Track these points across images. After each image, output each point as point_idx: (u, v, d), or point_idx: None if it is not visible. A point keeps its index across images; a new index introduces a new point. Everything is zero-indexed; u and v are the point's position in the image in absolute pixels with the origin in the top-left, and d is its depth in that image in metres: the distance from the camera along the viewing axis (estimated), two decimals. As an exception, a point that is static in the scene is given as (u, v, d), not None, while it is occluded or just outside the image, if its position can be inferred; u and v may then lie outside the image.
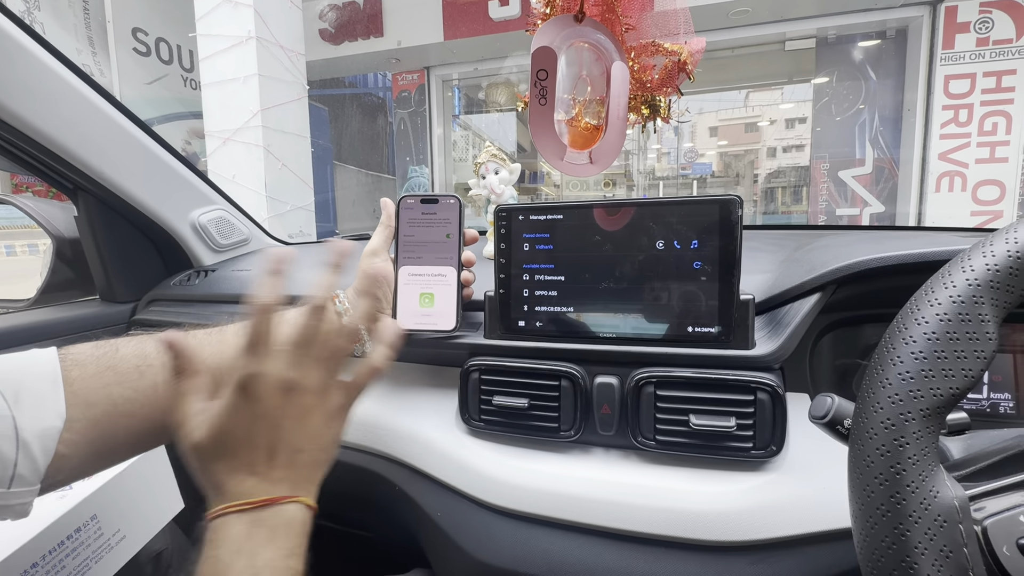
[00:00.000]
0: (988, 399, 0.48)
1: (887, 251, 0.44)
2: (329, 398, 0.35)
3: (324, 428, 0.35)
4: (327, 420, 0.35)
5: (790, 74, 5.62)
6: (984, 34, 3.79)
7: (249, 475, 0.32)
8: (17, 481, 0.32)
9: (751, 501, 0.43)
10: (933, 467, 0.25)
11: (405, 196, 0.52)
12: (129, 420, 0.37)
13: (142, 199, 0.80)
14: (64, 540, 0.48)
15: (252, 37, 2.81)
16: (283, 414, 0.33)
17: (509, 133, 6.16)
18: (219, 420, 0.32)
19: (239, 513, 0.31)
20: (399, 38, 4.81)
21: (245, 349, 0.33)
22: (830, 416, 0.31)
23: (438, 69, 5.37)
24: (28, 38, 0.63)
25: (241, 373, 0.32)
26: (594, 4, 0.45)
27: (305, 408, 0.34)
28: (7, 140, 0.68)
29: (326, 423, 0.35)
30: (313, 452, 0.34)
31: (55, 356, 0.36)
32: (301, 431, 0.33)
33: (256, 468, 0.32)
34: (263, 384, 0.32)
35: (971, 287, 0.26)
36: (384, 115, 6.12)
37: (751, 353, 0.45)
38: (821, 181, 4.50)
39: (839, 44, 4.35)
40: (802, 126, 6.03)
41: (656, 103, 0.49)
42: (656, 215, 0.46)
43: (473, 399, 0.53)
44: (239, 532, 0.30)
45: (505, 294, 0.52)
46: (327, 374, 0.35)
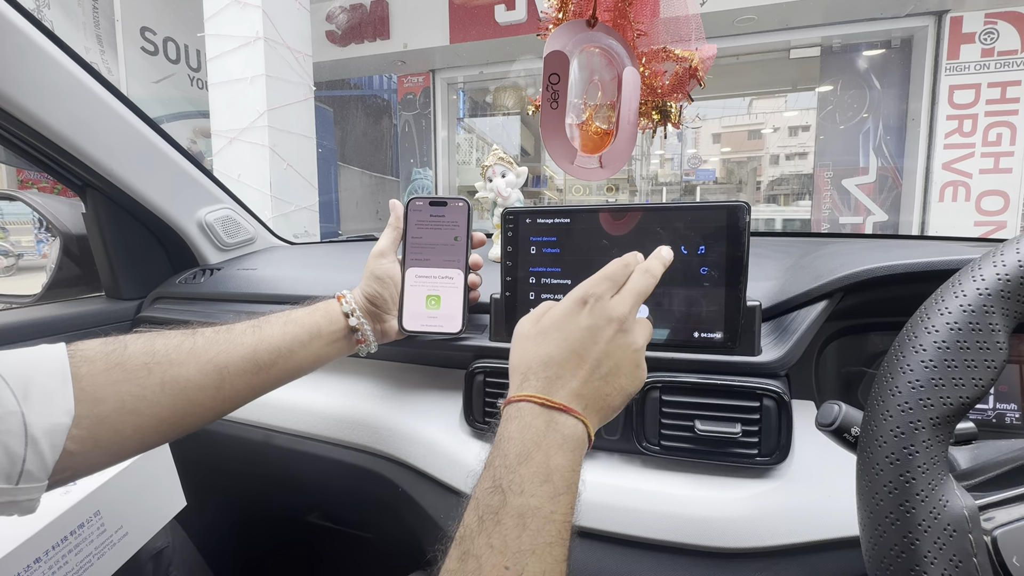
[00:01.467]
0: (994, 409, 0.48)
1: (895, 259, 0.44)
2: (640, 354, 0.37)
3: (628, 376, 0.37)
4: (633, 369, 0.37)
5: (794, 82, 5.64)
6: (989, 45, 3.80)
7: (556, 376, 0.35)
8: (25, 477, 0.32)
9: (756, 508, 0.43)
10: (943, 476, 0.25)
11: (414, 198, 0.52)
12: (136, 418, 0.37)
13: (150, 197, 0.81)
14: (67, 536, 0.47)
15: (260, 38, 2.83)
16: (604, 338, 0.36)
17: (513, 137, 6.18)
18: (552, 316, 0.37)
19: (540, 406, 0.33)
20: (405, 41, 4.84)
21: (600, 278, 0.38)
22: (837, 424, 0.31)
23: (443, 72, 5.39)
24: (41, 35, 0.64)
25: (585, 290, 0.37)
26: (606, 9, 0.45)
27: (623, 347, 0.36)
28: (18, 136, 0.68)
29: (631, 371, 0.37)
30: (612, 388, 0.36)
31: (64, 352, 0.36)
32: (612, 362, 0.36)
33: (563, 370, 0.35)
34: (600, 307, 0.36)
35: (982, 296, 0.26)
36: (389, 117, 6.15)
37: (757, 359, 0.45)
38: (824, 189, 4.50)
39: (844, 53, 4.36)
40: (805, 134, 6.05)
41: (667, 109, 0.49)
42: (663, 220, 0.47)
43: (477, 401, 0.53)
44: (538, 425, 0.32)
45: (511, 297, 0.52)
46: (645, 338, 0.38)
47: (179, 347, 0.40)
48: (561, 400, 0.34)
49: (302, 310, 0.49)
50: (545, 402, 0.33)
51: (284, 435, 0.66)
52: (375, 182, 6.31)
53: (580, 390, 0.34)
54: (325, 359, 0.49)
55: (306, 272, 0.83)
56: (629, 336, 0.37)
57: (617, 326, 0.36)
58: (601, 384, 0.35)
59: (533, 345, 0.36)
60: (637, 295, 0.38)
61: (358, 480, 0.61)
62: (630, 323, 0.37)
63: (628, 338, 0.36)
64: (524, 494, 0.30)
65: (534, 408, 0.33)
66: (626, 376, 0.36)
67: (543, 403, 0.33)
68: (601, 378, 0.35)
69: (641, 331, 0.38)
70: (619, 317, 0.36)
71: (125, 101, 0.75)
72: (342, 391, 0.64)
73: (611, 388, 0.36)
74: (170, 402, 0.39)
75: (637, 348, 0.37)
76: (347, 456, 0.62)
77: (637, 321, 0.38)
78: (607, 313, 0.36)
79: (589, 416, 0.34)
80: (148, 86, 4.19)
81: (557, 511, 0.30)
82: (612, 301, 0.37)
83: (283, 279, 0.80)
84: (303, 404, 0.64)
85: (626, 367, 0.36)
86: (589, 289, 0.37)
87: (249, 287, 0.79)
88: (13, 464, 0.31)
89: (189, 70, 4.54)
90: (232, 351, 0.43)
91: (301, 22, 3.13)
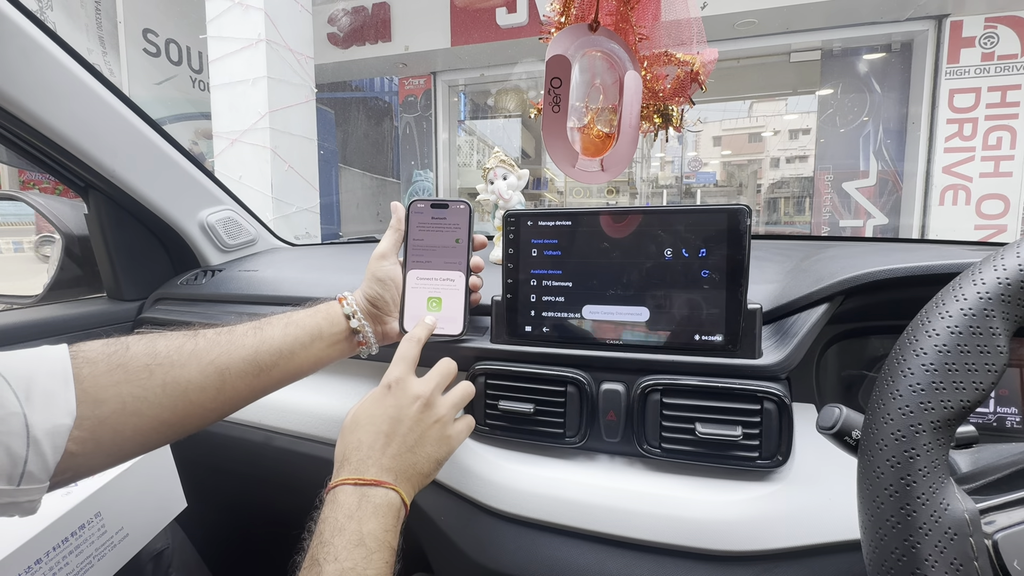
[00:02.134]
0: (995, 413, 0.48)
1: (895, 263, 0.44)
2: (445, 425, 0.44)
3: (435, 444, 0.43)
4: (438, 439, 0.43)
5: (795, 85, 5.65)
6: (989, 49, 3.81)
7: (368, 456, 0.40)
8: (27, 478, 0.32)
9: (757, 511, 0.43)
10: (944, 479, 0.25)
11: (415, 200, 0.53)
12: (138, 419, 0.37)
13: (152, 198, 0.81)
14: (68, 537, 0.48)
15: (262, 40, 2.84)
16: (408, 416, 0.42)
17: (514, 139, 6.19)
18: (362, 405, 0.43)
19: (354, 486, 0.38)
20: (407, 43, 4.85)
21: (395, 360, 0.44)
22: (838, 427, 0.31)
23: (445, 74, 5.40)
24: (45, 37, 0.64)
25: (387, 376, 0.43)
26: (608, 14, 0.45)
27: (425, 421, 0.42)
28: (22, 138, 0.69)
29: (436, 441, 0.43)
30: (420, 458, 0.42)
31: (66, 353, 0.36)
32: (416, 436, 0.42)
33: (374, 451, 0.40)
34: (401, 388, 0.42)
35: (982, 300, 0.26)
36: (390, 119, 6.16)
37: (758, 362, 0.45)
38: (825, 192, 4.51)
39: (844, 56, 4.37)
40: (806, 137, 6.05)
41: (668, 112, 0.49)
42: (664, 223, 0.47)
43: (479, 403, 0.53)
44: (352, 501, 0.37)
45: (512, 299, 0.52)
46: (451, 408, 0.44)
47: (180, 348, 0.41)
48: (372, 476, 0.39)
49: (303, 312, 0.49)
50: (357, 481, 0.38)
51: (284, 436, 0.66)
52: (376, 184, 6.32)
53: (390, 464, 0.40)
54: (326, 361, 0.49)
55: (307, 274, 0.83)
56: (432, 409, 0.43)
57: (421, 402, 0.42)
58: (409, 455, 0.41)
59: (348, 434, 0.42)
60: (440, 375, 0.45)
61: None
62: (432, 397, 0.43)
63: (431, 411, 0.43)
64: (338, 560, 0.34)
65: (347, 489, 0.38)
66: (432, 445, 0.42)
67: (355, 483, 0.38)
68: (408, 450, 0.41)
69: (445, 402, 0.44)
70: (421, 393, 0.43)
71: (128, 103, 0.75)
72: (343, 393, 0.64)
73: (419, 457, 0.42)
74: (171, 403, 0.39)
75: (440, 418, 0.43)
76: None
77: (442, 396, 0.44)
78: (410, 392, 0.42)
79: (401, 484, 0.40)
80: (150, 87, 4.20)
81: (371, 568, 0.35)
82: (413, 379, 0.43)
83: (284, 280, 0.80)
84: (304, 406, 0.64)
85: (431, 436, 0.42)
86: (390, 375, 0.43)
87: (250, 288, 0.79)
88: (15, 465, 0.31)
89: (191, 72, 4.55)
90: (233, 353, 0.43)
91: (303, 24, 3.14)
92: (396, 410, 0.42)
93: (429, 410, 0.43)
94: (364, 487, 0.38)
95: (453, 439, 0.44)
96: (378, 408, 0.42)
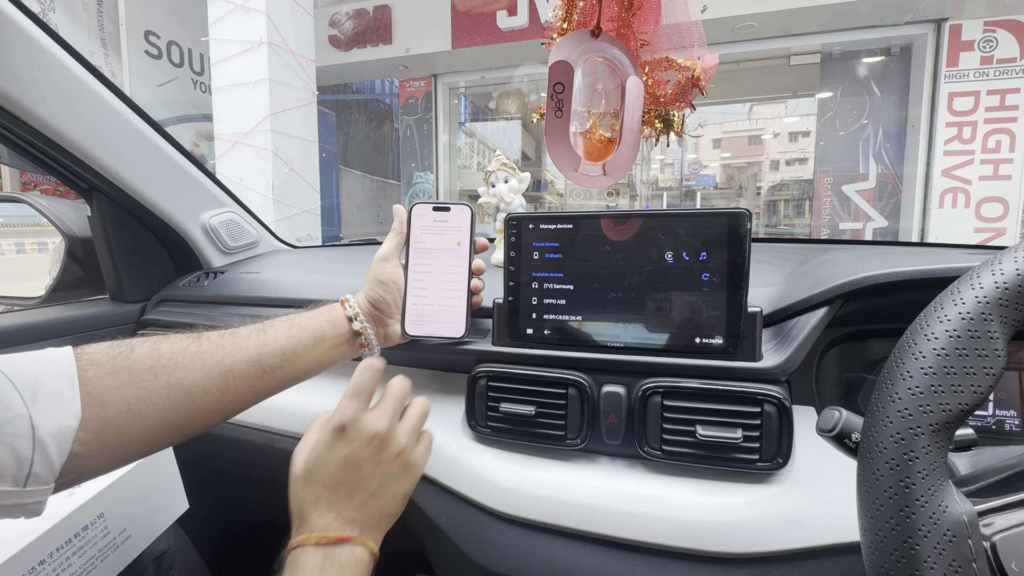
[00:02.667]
0: (994, 416, 0.48)
1: (895, 266, 0.45)
2: (407, 455, 0.41)
3: (398, 480, 0.40)
4: (402, 473, 0.40)
5: (794, 88, 5.66)
6: (988, 53, 3.82)
7: (328, 510, 0.37)
8: (32, 480, 0.32)
9: (757, 513, 0.43)
10: (942, 482, 0.25)
11: (417, 203, 0.53)
12: (142, 421, 0.37)
13: (155, 200, 0.81)
14: (71, 538, 0.48)
15: (264, 42, 2.85)
16: (366, 459, 0.38)
17: (514, 141, 6.20)
18: (313, 454, 0.38)
19: (316, 547, 0.35)
20: (407, 46, 4.87)
21: (347, 397, 0.40)
22: (838, 429, 0.32)
23: (445, 77, 5.42)
24: (50, 40, 0.65)
25: (340, 417, 0.39)
26: (610, 19, 0.46)
27: (386, 459, 0.39)
28: (26, 140, 0.69)
29: (401, 475, 0.40)
30: (385, 500, 0.39)
31: (71, 355, 0.36)
32: (378, 478, 0.39)
33: (335, 504, 0.37)
34: (356, 429, 0.38)
35: (980, 304, 0.26)
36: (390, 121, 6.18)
37: (758, 365, 0.45)
38: (824, 195, 4.51)
39: (844, 60, 4.39)
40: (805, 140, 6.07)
41: (670, 117, 0.49)
42: (665, 226, 0.47)
43: (480, 405, 0.53)
44: (314, 564, 0.34)
45: (514, 302, 0.52)
46: (410, 435, 0.41)
47: (184, 351, 0.41)
48: (336, 533, 0.36)
49: (306, 314, 0.49)
50: (319, 540, 0.35)
51: (286, 438, 0.66)
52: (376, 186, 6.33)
53: (354, 516, 0.37)
54: (329, 363, 0.49)
55: (309, 276, 0.83)
56: (391, 446, 0.39)
57: (378, 442, 0.39)
58: (373, 501, 0.38)
59: (302, 488, 0.38)
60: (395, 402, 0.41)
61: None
62: (389, 432, 0.39)
63: (390, 448, 0.39)
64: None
65: (309, 550, 0.35)
66: (397, 482, 0.40)
67: (318, 542, 0.35)
68: (372, 496, 0.38)
69: (403, 432, 0.41)
70: (377, 432, 0.39)
71: (131, 105, 0.76)
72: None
73: (384, 500, 0.39)
74: (175, 405, 0.39)
75: (400, 452, 0.40)
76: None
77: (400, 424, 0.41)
78: (365, 433, 0.38)
79: (368, 534, 0.37)
80: (152, 89, 4.22)
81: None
82: (367, 417, 0.39)
83: (286, 283, 0.80)
84: (306, 407, 0.65)
85: (393, 474, 0.39)
86: (342, 415, 0.39)
87: (252, 290, 0.79)
88: (21, 467, 0.31)
89: (192, 73, 4.56)
90: (237, 355, 0.43)
91: (304, 27, 3.15)
92: (352, 455, 0.38)
93: (388, 446, 0.39)
94: (327, 547, 0.35)
95: (418, 467, 0.42)
96: (331, 455, 0.38)
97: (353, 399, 0.40)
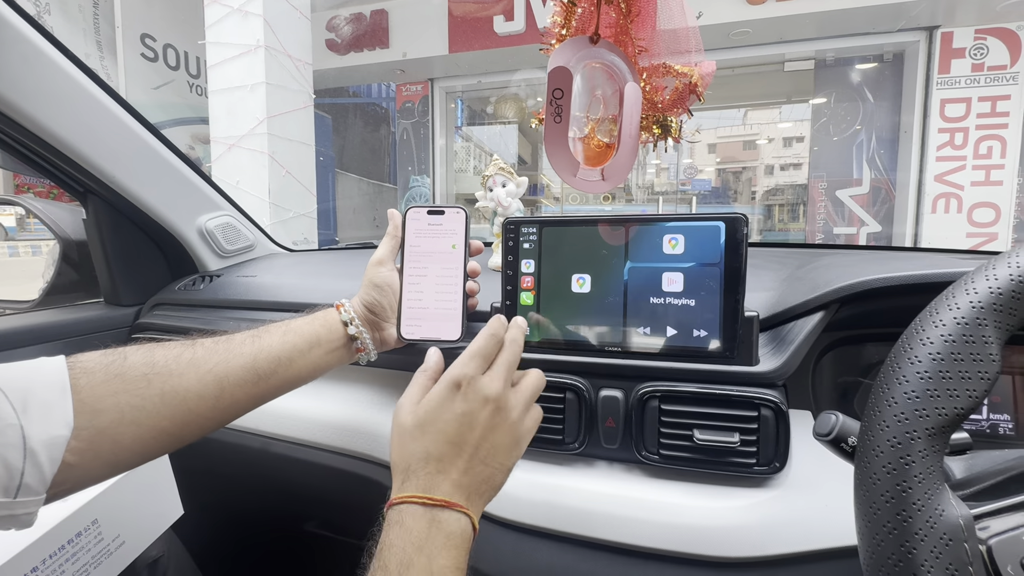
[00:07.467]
0: (988, 420, 0.49)
1: (890, 271, 0.45)
2: (517, 426, 0.38)
3: (507, 452, 0.38)
4: (512, 444, 0.38)
5: (789, 94, 5.72)
6: (979, 60, 3.87)
7: (437, 470, 0.35)
8: (23, 491, 0.31)
9: (754, 517, 0.43)
10: (939, 486, 0.25)
11: (412, 207, 0.53)
12: (136, 428, 0.37)
13: (152, 204, 0.81)
14: (64, 544, 0.47)
15: (261, 46, 2.85)
16: (480, 422, 0.36)
17: (510, 145, 6.22)
18: (428, 405, 0.37)
19: (421, 506, 0.33)
20: (405, 50, 4.88)
21: (468, 355, 0.38)
22: (835, 434, 0.32)
23: (442, 81, 5.44)
24: (46, 42, 0.64)
25: (457, 372, 0.37)
26: (608, 26, 0.46)
27: (499, 425, 0.37)
28: (22, 143, 0.69)
29: (510, 446, 0.38)
30: (493, 468, 0.37)
31: (63, 364, 0.36)
32: (489, 444, 0.37)
33: (443, 464, 0.35)
34: (473, 389, 0.37)
35: (975, 309, 0.26)
36: (387, 125, 6.19)
37: (755, 369, 0.45)
38: (819, 200, 4.55)
39: (837, 66, 4.43)
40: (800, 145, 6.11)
41: (667, 123, 0.50)
42: (662, 231, 0.47)
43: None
44: (420, 528, 0.33)
45: (511, 305, 0.52)
46: (524, 405, 0.39)
47: (179, 357, 0.40)
48: (443, 496, 0.34)
49: (301, 319, 0.49)
50: (426, 501, 0.33)
51: (282, 443, 0.66)
52: (373, 189, 6.33)
53: (461, 480, 0.35)
54: (324, 368, 0.49)
55: (305, 280, 0.83)
56: (504, 412, 0.37)
57: (493, 406, 0.37)
58: (483, 468, 0.36)
59: (411, 440, 0.36)
60: (508, 368, 0.39)
61: (356, 488, 0.61)
62: (504, 398, 0.38)
63: (504, 415, 0.37)
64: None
65: (415, 509, 0.33)
66: (505, 452, 0.38)
67: (424, 502, 0.33)
68: (481, 462, 0.36)
69: (517, 402, 0.39)
70: (494, 396, 0.37)
71: (128, 108, 0.75)
72: (341, 399, 0.64)
73: (492, 468, 0.37)
74: (170, 412, 0.38)
75: (514, 422, 0.38)
76: (345, 464, 0.62)
77: (512, 392, 0.39)
78: (481, 394, 0.37)
79: (473, 504, 0.35)
80: (148, 92, 4.21)
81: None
82: (484, 379, 0.37)
83: (282, 286, 0.80)
84: (302, 412, 0.64)
85: (505, 443, 0.37)
86: (461, 370, 0.37)
87: (248, 294, 0.79)
88: (11, 477, 0.31)
89: (188, 76, 4.56)
90: (231, 361, 0.42)
91: (302, 31, 3.15)
92: (467, 416, 0.36)
93: (502, 413, 0.37)
94: (434, 508, 0.33)
95: (524, 440, 0.39)
96: (446, 411, 0.36)
97: (473, 358, 0.38)
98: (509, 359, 0.39)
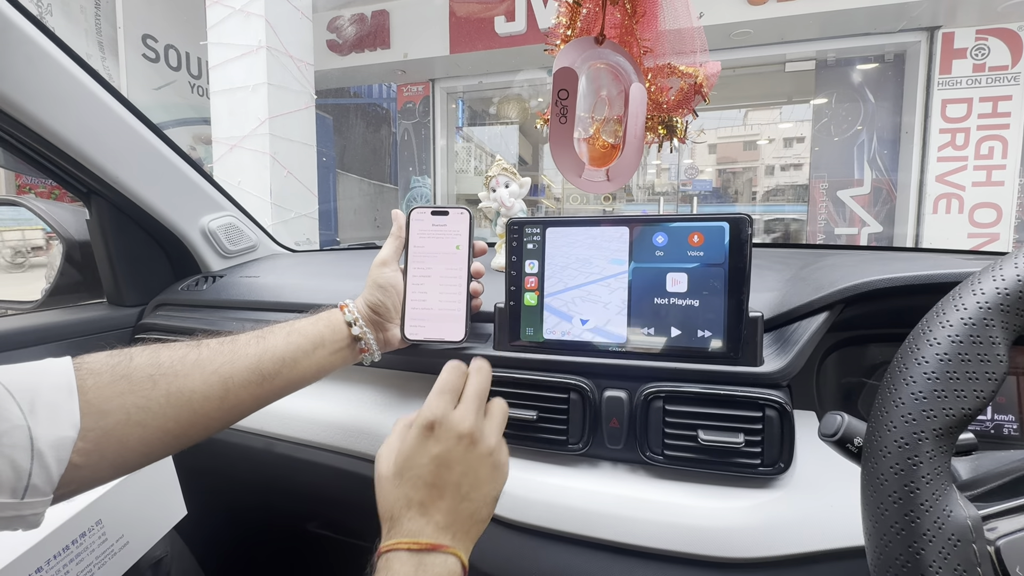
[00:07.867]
0: (992, 420, 0.49)
1: (894, 272, 0.45)
2: (496, 455, 0.39)
3: (489, 481, 0.38)
4: (492, 473, 0.39)
5: (790, 94, 5.71)
6: (980, 60, 3.87)
7: (420, 514, 0.35)
8: (31, 491, 0.31)
9: (758, 518, 0.43)
10: (946, 486, 0.25)
11: (416, 207, 0.53)
12: (142, 430, 0.37)
13: (155, 204, 0.81)
14: (69, 545, 0.47)
15: (262, 47, 2.86)
16: (456, 459, 0.37)
17: (511, 146, 6.22)
18: (404, 453, 0.37)
19: (408, 552, 0.34)
20: (406, 50, 4.89)
21: (435, 394, 0.39)
22: (840, 434, 0.32)
23: (443, 81, 5.44)
24: (50, 43, 0.64)
25: (427, 414, 0.38)
26: (613, 26, 0.46)
27: (476, 459, 0.38)
28: (25, 143, 0.69)
29: (491, 476, 0.38)
30: (477, 503, 0.37)
31: (70, 366, 0.36)
32: (470, 479, 0.37)
33: (425, 507, 0.36)
34: (445, 428, 0.37)
35: (982, 309, 0.26)
36: (388, 125, 6.19)
37: (760, 370, 0.45)
38: (820, 200, 4.55)
39: (838, 67, 4.43)
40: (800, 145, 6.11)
41: (672, 124, 0.50)
42: (666, 231, 0.47)
43: (481, 410, 0.53)
44: (407, 573, 0.33)
45: (515, 306, 0.52)
46: (498, 433, 0.40)
47: (184, 358, 0.40)
48: (428, 539, 0.35)
49: (305, 320, 0.49)
50: (412, 546, 0.34)
51: (286, 443, 0.66)
52: (374, 190, 6.33)
53: (446, 521, 0.36)
54: (329, 369, 0.49)
55: (308, 280, 0.83)
56: (480, 444, 0.38)
57: (468, 440, 0.37)
58: (467, 505, 0.37)
59: (392, 488, 0.37)
60: (478, 398, 0.40)
61: (359, 489, 0.61)
62: (478, 430, 0.38)
63: (480, 447, 0.38)
64: None
65: (402, 556, 0.34)
66: (487, 484, 0.38)
67: (410, 547, 0.34)
68: (464, 498, 0.37)
69: (491, 431, 0.39)
70: (467, 431, 0.37)
71: (131, 108, 0.75)
72: (345, 399, 0.64)
73: (476, 503, 0.37)
74: (175, 413, 0.39)
75: (490, 451, 0.38)
76: (348, 464, 0.62)
77: (486, 421, 0.40)
78: (455, 432, 0.37)
79: (459, 543, 0.36)
80: (149, 92, 4.22)
81: None
82: (456, 415, 0.38)
83: (285, 287, 0.80)
84: (305, 412, 0.64)
85: (484, 475, 0.38)
86: (431, 412, 0.38)
87: (251, 295, 0.79)
88: (19, 478, 0.31)
89: (190, 77, 4.57)
90: (236, 362, 0.42)
91: (303, 31, 3.16)
92: (443, 456, 0.37)
93: (477, 445, 0.38)
94: (420, 553, 0.34)
95: (505, 467, 0.40)
96: (421, 455, 0.37)
97: (441, 396, 0.39)
98: (477, 389, 0.40)
